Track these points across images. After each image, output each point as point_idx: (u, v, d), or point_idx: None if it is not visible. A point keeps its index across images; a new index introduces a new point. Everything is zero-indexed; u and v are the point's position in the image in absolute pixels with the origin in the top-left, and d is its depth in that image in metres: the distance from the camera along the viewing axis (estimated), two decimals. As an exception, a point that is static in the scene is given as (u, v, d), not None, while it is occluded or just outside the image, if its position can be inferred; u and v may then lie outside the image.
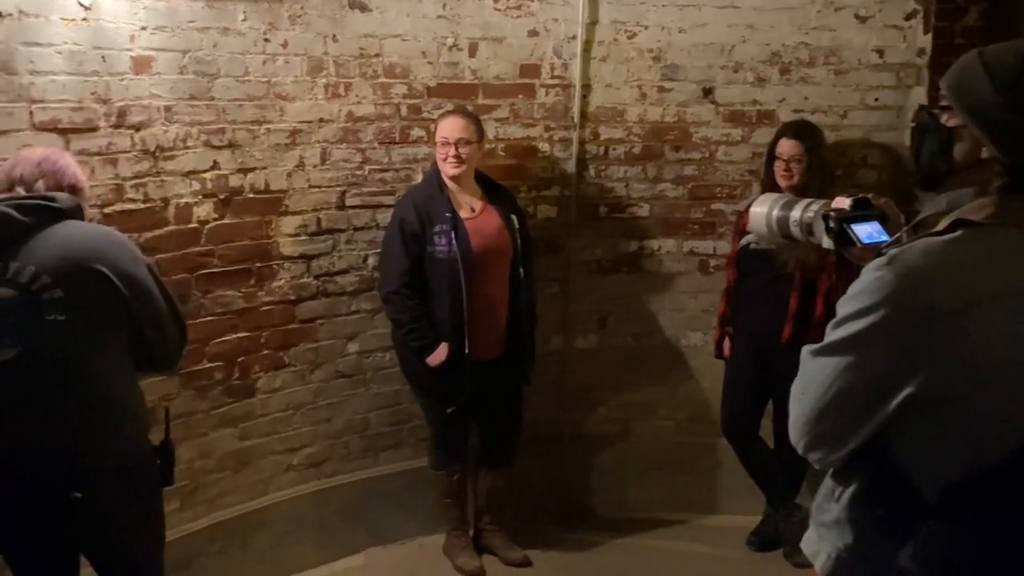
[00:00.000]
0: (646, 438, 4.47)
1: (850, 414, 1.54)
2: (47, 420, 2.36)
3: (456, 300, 3.66)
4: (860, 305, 1.50)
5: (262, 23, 3.49)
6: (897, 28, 4.13)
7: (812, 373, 1.57)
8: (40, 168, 2.47)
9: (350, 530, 4.01)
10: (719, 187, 4.28)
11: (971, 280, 1.46)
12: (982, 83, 1.51)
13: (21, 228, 2.36)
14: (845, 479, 1.62)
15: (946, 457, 1.49)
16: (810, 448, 1.61)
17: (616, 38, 4.10)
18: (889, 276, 1.48)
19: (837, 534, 1.63)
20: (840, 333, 1.53)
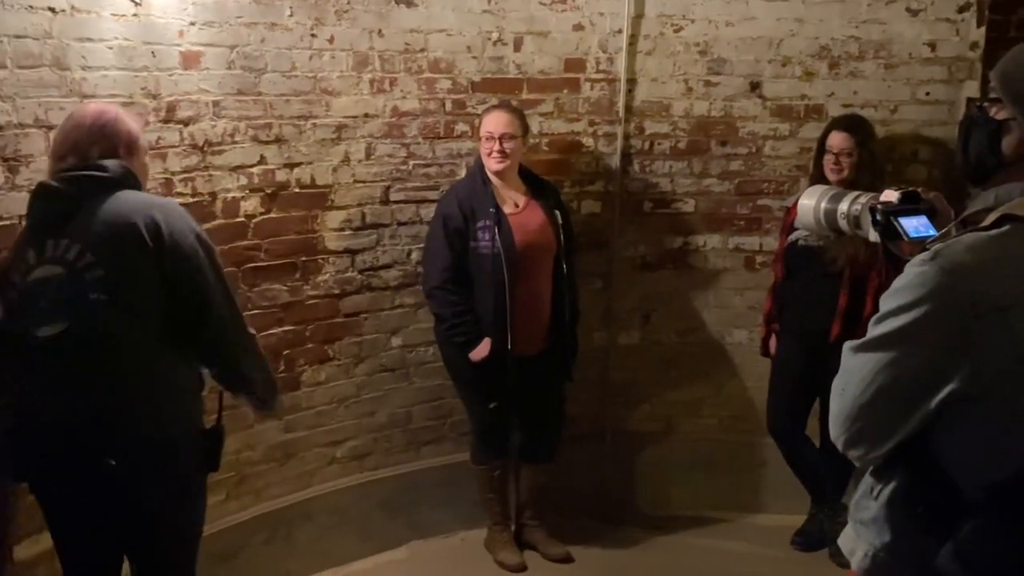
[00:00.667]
0: (689, 436, 4.44)
1: (891, 411, 1.52)
2: (87, 392, 2.36)
3: (499, 295, 3.66)
4: (903, 300, 1.49)
5: (309, 18, 3.50)
6: (949, 21, 4.06)
7: (853, 369, 1.55)
8: (91, 132, 2.40)
9: (392, 523, 4.02)
10: (766, 182, 4.23)
11: (1017, 276, 1.44)
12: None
13: (70, 203, 2.35)
14: (884, 477, 1.60)
15: (989, 455, 1.47)
16: (849, 445, 1.59)
17: (662, 32, 4.07)
18: (932, 271, 1.46)
19: (875, 532, 1.62)
20: (882, 329, 1.51)
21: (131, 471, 2.37)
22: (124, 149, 2.43)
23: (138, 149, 2.48)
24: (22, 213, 2.66)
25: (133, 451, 2.38)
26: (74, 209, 2.35)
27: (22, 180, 2.68)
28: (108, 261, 2.33)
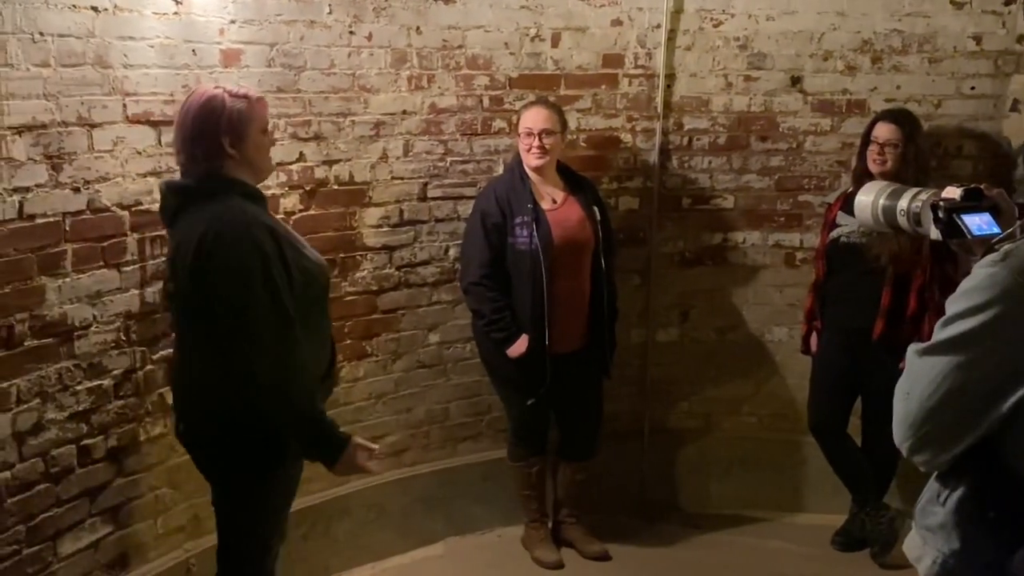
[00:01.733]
0: (729, 434, 4.41)
1: (960, 415, 1.50)
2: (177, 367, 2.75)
3: (537, 292, 3.65)
4: (973, 303, 1.46)
5: (347, 16, 3.52)
6: (995, 14, 3.99)
7: (919, 373, 1.53)
8: (193, 131, 2.46)
9: (430, 519, 4.04)
10: (807, 178, 4.18)
11: None
12: None
13: (173, 209, 2.54)
14: (952, 482, 1.58)
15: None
16: (915, 450, 1.57)
17: (702, 26, 4.04)
18: (1003, 273, 1.44)
19: (943, 538, 1.59)
20: (950, 331, 1.49)
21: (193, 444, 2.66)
22: (230, 139, 2.47)
23: (246, 134, 2.50)
24: (67, 210, 2.72)
25: (189, 431, 2.63)
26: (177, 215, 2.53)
27: (65, 178, 2.72)
28: (175, 278, 2.54)
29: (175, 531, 3.24)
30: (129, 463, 3.04)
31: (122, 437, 2.99)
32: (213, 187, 2.48)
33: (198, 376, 2.57)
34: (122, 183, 2.90)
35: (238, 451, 2.57)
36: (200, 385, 2.57)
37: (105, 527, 2.98)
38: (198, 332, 2.53)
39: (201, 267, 2.40)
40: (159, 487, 3.17)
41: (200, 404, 2.59)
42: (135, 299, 2.99)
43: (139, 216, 2.96)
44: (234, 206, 2.46)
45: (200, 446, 2.66)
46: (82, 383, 2.84)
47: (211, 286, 2.41)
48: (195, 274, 2.42)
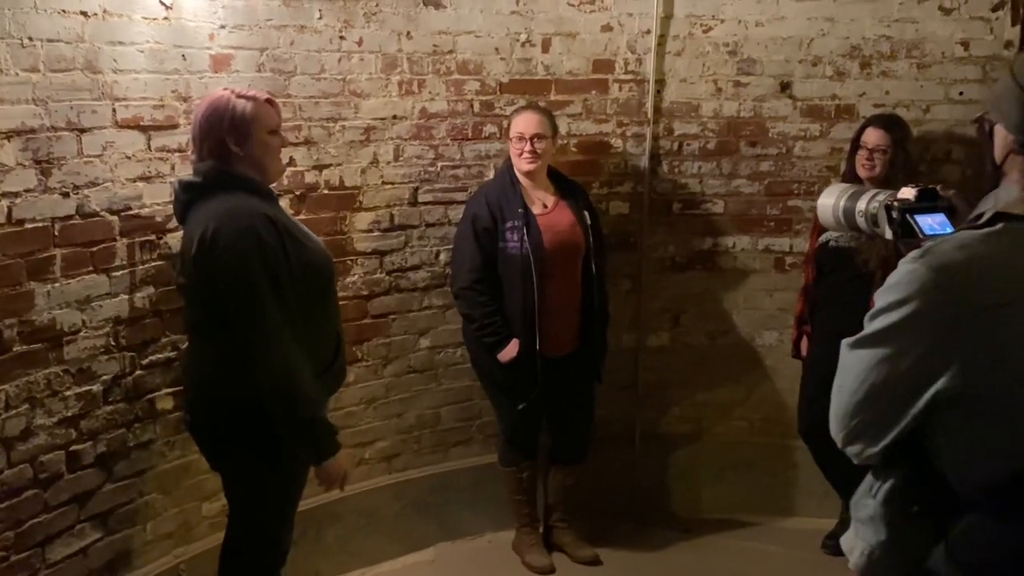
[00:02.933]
0: (720, 438, 4.41)
1: (885, 408, 1.52)
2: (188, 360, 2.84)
3: (528, 296, 3.65)
4: (894, 297, 1.48)
5: (338, 21, 3.52)
6: (983, 20, 4.01)
7: (849, 366, 1.56)
8: (202, 129, 2.59)
9: (421, 524, 4.03)
10: (796, 183, 4.20)
11: (1008, 275, 1.43)
12: (1006, 80, 1.55)
13: (183, 205, 2.64)
14: (883, 475, 1.60)
15: (979, 455, 1.46)
16: (848, 442, 1.59)
17: (691, 32, 4.05)
18: (922, 269, 1.46)
19: (872, 531, 1.61)
20: (875, 325, 1.51)
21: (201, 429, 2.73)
22: (234, 138, 2.57)
23: (250, 133, 2.58)
24: (56, 215, 2.72)
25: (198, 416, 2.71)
26: (187, 211, 2.62)
27: (54, 183, 2.71)
28: (183, 272, 2.67)
29: (165, 537, 3.24)
30: (119, 469, 3.03)
31: (111, 443, 2.98)
32: (219, 182, 2.58)
33: (206, 365, 2.66)
34: (112, 188, 2.89)
35: (245, 437, 2.62)
36: (207, 374, 2.65)
37: (94, 533, 2.97)
38: (204, 321, 2.64)
39: (205, 259, 2.50)
40: (149, 493, 3.16)
41: (208, 392, 2.67)
42: (124, 304, 2.98)
43: (129, 221, 2.96)
44: (239, 199, 2.55)
45: (208, 435, 2.73)
46: (71, 388, 2.83)
47: (214, 277, 2.51)
48: (200, 265, 2.53)
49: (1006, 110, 1.55)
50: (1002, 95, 1.57)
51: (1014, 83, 1.53)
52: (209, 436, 2.74)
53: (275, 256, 2.51)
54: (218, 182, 2.58)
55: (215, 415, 2.66)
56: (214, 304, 2.54)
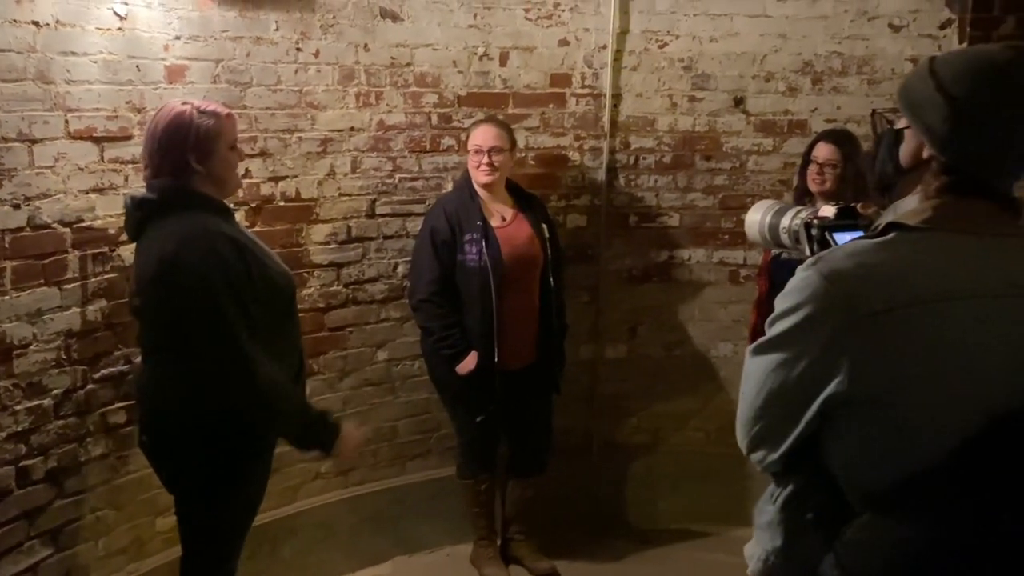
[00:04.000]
0: (677, 449, 4.44)
1: (782, 413, 1.53)
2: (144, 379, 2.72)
3: (486, 309, 3.66)
4: (788, 304, 1.51)
5: (294, 32, 3.52)
6: (932, 37, 4.09)
7: (750, 372, 1.57)
8: (160, 144, 2.50)
9: (377, 538, 4.01)
10: (750, 197, 4.24)
11: (895, 283, 1.45)
12: (925, 84, 1.51)
13: (136, 222, 2.56)
14: (783, 481, 1.61)
15: (868, 461, 1.47)
16: (751, 448, 1.60)
17: (647, 47, 4.10)
18: (813, 275, 1.48)
19: (769, 537, 1.62)
20: (772, 331, 1.53)
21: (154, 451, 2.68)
22: (196, 156, 2.51)
23: (213, 150, 2.53)
24: (6, 227, 2.68)
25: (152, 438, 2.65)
26: (141, 229, 2.55)
27: (5, 194, 2.67)
28: (140, 293, 2.58)
29: (117, 553, 3.19)
30: (70, 484, 2.98)
31: (62, 458, 2.94)
32: (176, 201, 2.51)
33: (164, 388, 2.58)
34: (64, 200, 2.86)
35: (204, 461, 2.57)
36: (166, 397, 2.58)
37: (44, 549, 2.92)
38: (162, 344, 2.56)
39: (166, 281, 2.44)
40: (101, 508, 3.11)
41: (166, 416, 2.60)
42: (76, 317, 2.94)
43: (81, 233, 2.93)
44: (197, 219, 2.49)
45: (166, 459, 2.68)
46: (21, 403, 2.78)
47: (177, 299, 2.44)
48: (160, 286, 2.46)
49: (928, 121, 1.51)
50: (921, 103, 1.52)
51: (939, 95, 1.48)
52: (167, 460, 2.69)
53: (239, 278, 2.47)
54: (175, 200, 2.51)
55: (173, 439, 2.61)
56: (175, 327, 2.48)
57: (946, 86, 1.48)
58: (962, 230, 1.48)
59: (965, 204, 1.49)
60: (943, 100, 1.48)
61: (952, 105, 1.47)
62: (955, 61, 1.51)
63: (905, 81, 1.60)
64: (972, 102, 1.46)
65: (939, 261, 1.47)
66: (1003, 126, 1.46)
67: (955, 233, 1.48)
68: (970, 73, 1.48)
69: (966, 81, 1.47)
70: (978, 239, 1.48)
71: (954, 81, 1.48)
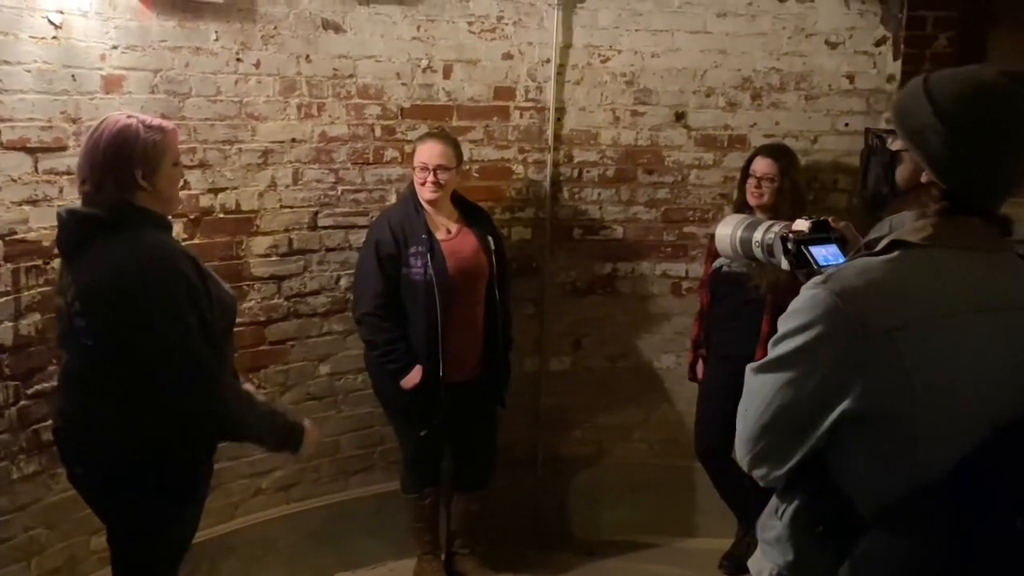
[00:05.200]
0: (621, 460, 4.46)
1: (789, 431, 1.55)
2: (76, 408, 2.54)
3: (431, 322, 3.63)
4: (797, 322, 1.52)
5: (234, 43, 3.48)
6: (867, 54, 4.18)
7: (754, 390, 1.59)
8: (105, 159, 2.39)
9: (320, 555, 3.96)
10: (691, 210, 4.30)
11: (905, 300, 1.48)
12: (923, 108, 1.52)
13: (79, 238, 2.43)
14: (788, 496, 1.63)
15: (881, 475, 1.50)
16: (753, 465, 1.62)
17: (590, 62, 4.13)
18: (824, 294, 1.50)
19: (779, 552, 1.64)
20: (779, 350, 1.55)
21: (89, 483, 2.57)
22: (143, 170, 2.42)
23: (159, 166, 2.45)
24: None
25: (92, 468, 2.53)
26: (82, 245, 2.42)
27: (-64, 203, 2.60)
28: (90, 312, 2.41)
29: (50, 573, 3.11)
30: (1, 502, 2.91)
31: (-7, 476, 2.87)
32: (124, 218, 2.41)
33: (109, 413, 2.45)
34: (-5, 211, 2.80)
35: (152, 483, 2.48)
36: (110, 423, 2.45)
37: (-26, 571, 2.84)
38: (117, 365, 2.41)
39: (125, 300, 2.35)
40: (34, 527, 3.04)
41: (111, 440, 2.46)
42: (9, 332, 2.88)
43: (13, 246, 2.87)
44: (151, 236, 2.43)
45: (104, 484, 2.54)
46: (-50, 419, 2.71)
47: (139, 318, 2.36)
48: (119, 307, 2.36)
49: (927, 147, 1.53)
50: (920, 129, 1.53)
51: (937, 121, 1.50)
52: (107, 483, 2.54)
53: (199, 295, 2.43)
54: (123, 217, 2.41)
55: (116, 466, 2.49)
56: (135, 346, 2.38)
57: (944, 112, 1.50)
58: (962, 247, 1.52)
59: (963, 222, 1.53)
60: (943, 127, 1.50)
61: (952, 133, 1.49)
62: (951, 86, 1.52)
63: (900, 104, 1.60)
64: (972, 130, 1.49)
65: (945, 277, 1.51)
66: (1001, 154, 1.49)
67: (957, 250, 1.52)
68: (969, 100, 1.49)
69: (966, 108, 1.49)
70: (978, 255, 1.52)
71: (953, 108, 1.49)
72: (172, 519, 2.59)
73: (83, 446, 2.54)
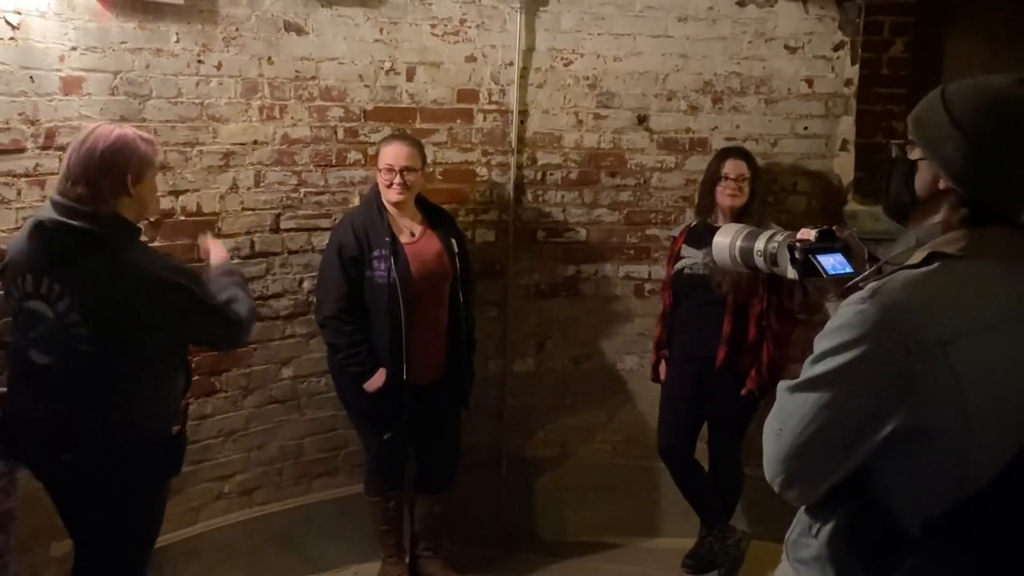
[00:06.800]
0: (584, 461, 4.48)
1: (832, 450, 1.52)
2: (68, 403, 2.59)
3: (394, 325, 3.63)
4: (842, 339, 1.49)
5: (196, 45, 3.46)
6: (826, 59, 4.24)
7: (790, 410, 1.54)
8: (102, 163, 2.51)
9: (283, 559, 3.94)
10: (653, 213, 4.33)
11: (952, 312, 1.47)
12: (940, 117, 1.55)
13: (65, 252, 2.51)
14: (823, 515, 1.59)
15: (930, 490, 1.48)
16: (786, 485, 1.58)
17: (553, 65, 4.15)
18: (872, 310, 1.47)
19: (817, 570, 1.60)
20: (821, 368, 1.51)
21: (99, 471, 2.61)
22: (133, 177, 2.56)
23: (145, 175, 2.60)
24: None
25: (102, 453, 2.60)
26: (68, 259, 2.51)
27: None
28: (93, 321, 2.52)
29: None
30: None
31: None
32: (112, 231, 2.53)
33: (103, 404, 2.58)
34: (-49, 214, 2.76)
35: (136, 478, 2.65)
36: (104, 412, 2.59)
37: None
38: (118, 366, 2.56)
39: (147, 307, 2.53)
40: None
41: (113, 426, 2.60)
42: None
43: (-31, 248, 2.82)
44: (141, 249, 2.63)
45: (96, 468, 2.62)
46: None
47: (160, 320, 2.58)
48: (140, 313, 2.53)
49: (944, 155, 1.54)
50: (938, 138, 1.55)
51: (955, 130, 1.52)
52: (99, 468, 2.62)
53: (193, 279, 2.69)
54: (110, 231, 2.54)
55: (103, 470, 2.61)
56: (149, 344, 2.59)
57: (962, 121, 1.52)
58: (998, 257, 1.52)
59: (993, 232, 1.53)
60: (960, 136, 1.52)
61: (969, 141, 1.51)
62: (970, 95, 1.54)
63: (918, 114, 1.62)
64: (989, 138, 1.51)
65: (987, 288, 1.50)
66: (1019, 161, 1.51)
67: (994, 260, 1.52)
68: (986, 108, 1.52)
69: (982, 117, 1.51)
70: (1014, 266, 1.53)
71: (970, 116, 1.52)
72: (154, 516, 2.76)
73: (72, 437, 2.62)
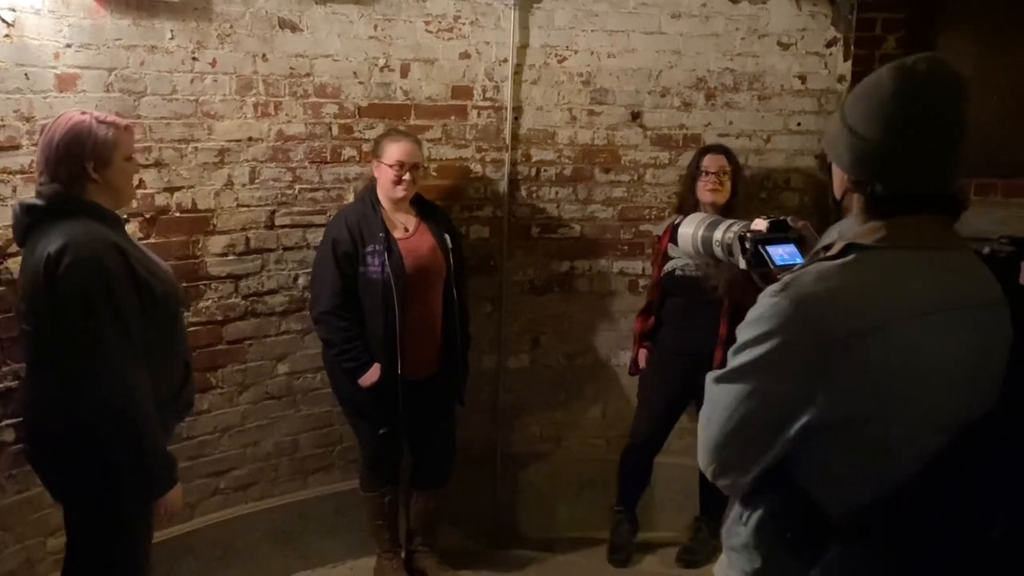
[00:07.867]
0: (578, 457, 4.50)
1: (755, 439, 1.54)
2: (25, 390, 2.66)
3: (389, 320, 3.64)
4: (758, 331, 1.51)
5: (190, 41, 3.46)
6: (818, 55, 4.26)
7: (716, 400, 1.58)
8: (58, 150, 2.48)
9: (279, 555, 3.95)
10: (647, 209, 4.35)
11: (867, 303, 1.48)
12: (835, 119, 1.61)
13: (24, 228, 2.51)
14: (753, 503, 1.62)
15: (852, 479, 1.50)
16: (718, 475, 1.61)
17: (547, 62, 4.16)
18: (784, 302, 1.49)
19: (746, 558, 1.64)
20: (740, 359, 1.54)
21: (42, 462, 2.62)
22: (94, 164, 2.51)
23: (111, 160, 2.54)
24: None
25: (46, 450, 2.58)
26: (28, 234, 2.50)
27: None
28: (28, 298, 2.49)
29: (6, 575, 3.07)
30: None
31: (-55, 478, 2.83)
32: (65, 207, 2.49)
33: (44, 395, 2.53)
34: (-54, 211, 2.76)
35: (86, 471, 2.51)
36: (45, 404, 2.53)
37: (-75, 575, 2.81)
38: (43, 350, 2.52)
39: (47, 287, 2.40)
40: (-13, 530, 3.01)
41: (45, 423, 2.55)
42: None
43: (-37, 243, 2.83)
44: (85, 226, 2.47)
45: (48, 469, 2.62)
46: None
47: (56, 306, 2.42)
48: (41, 294, 2.42)
49: (839, 152, 1.59)
50: (835, 137, 1.60)
51: (843, 125, 1.57)
52: (49, 470, 2.62)
53: (119, 286, 2.44)
54: (64, 207, 2.49)
55: (53, 448, 2.55)
56: (54, 332, 2.45)
57: (847, 115, 1.57)
58: (916, 246, 1.53)
59: (911, 220, 1.54)
60: (845, 128, 1.57)
61: (851, 130, 1.55)
62: (855, 91, 1.59)
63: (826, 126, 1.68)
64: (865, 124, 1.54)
65: (902, 279, 1.51)
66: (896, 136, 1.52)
67: (911, 250, 1.53)
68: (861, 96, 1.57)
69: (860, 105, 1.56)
70: (932, 254, 1.54)
71: (850, 107, 1.57)
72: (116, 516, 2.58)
73: (28, 425, 2.65)
